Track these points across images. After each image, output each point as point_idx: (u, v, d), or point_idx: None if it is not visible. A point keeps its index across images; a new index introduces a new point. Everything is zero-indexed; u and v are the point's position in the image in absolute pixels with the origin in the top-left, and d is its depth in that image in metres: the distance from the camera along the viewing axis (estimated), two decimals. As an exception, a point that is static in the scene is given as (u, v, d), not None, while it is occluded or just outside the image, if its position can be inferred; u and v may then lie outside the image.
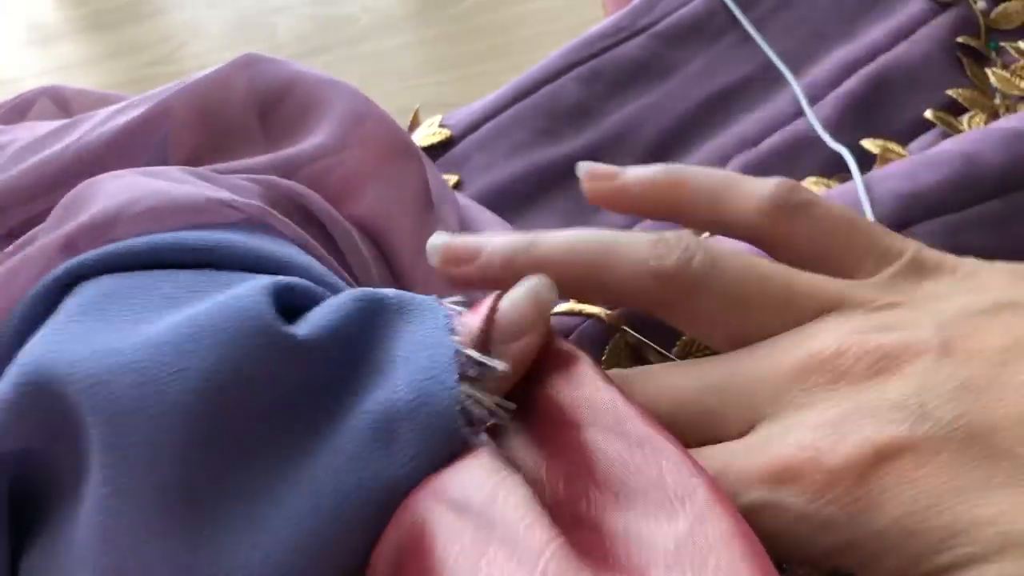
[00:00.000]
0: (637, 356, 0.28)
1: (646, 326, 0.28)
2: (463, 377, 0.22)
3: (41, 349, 0.21)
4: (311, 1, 1.20)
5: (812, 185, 0.40)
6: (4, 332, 0.23)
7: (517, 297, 0.23)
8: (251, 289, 0.22)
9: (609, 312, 0.28)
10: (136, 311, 0.22)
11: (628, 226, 0.44)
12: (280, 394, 0.21)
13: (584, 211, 0.45)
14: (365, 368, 0.22)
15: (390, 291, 0.24)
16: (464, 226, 0.35)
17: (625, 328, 0.27)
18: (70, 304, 0.23)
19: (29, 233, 0.26)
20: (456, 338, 0.22)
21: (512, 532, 0.19)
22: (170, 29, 1.23)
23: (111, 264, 0.24)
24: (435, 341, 0.22)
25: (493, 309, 0.23)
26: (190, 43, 1.21)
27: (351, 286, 0.27)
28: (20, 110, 0.38)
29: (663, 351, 0.27)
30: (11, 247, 0.26)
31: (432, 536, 0.19)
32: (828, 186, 0.40)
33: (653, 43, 0.50)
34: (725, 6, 0.50)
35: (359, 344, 0.23)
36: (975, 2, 0.45)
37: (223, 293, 0.22)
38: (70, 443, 0.21)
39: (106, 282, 0.23)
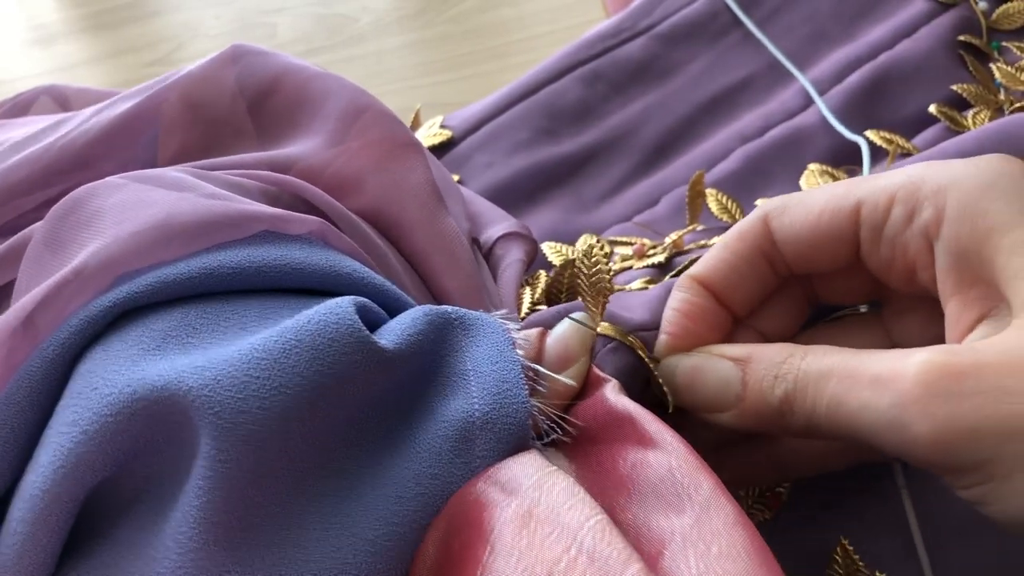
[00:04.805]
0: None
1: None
2: (531, 391, 0.23)
3: (132, 374, 0.21)
4: (311, 1, 1.20)
5: (817, 175, 0.40)
6: (44, 356, 0.22)
7: (563, 332, 0.25)
8: (341, 304, 0.22)
9: (620, 329, 0.28)
10: (217, 337, 0.23)
11: (626, 219, 0.44)
12: (367, 402, 0.22)
13: (584, 209, 0.45)
14: (438, 378, 0.23)
15: (449, 307, 0.25)
16: (470, 218, 0.35)
17: (642, 348, 0.28)
18: (140, 333, 0.22)
19: (21, 233, 0.26)
20: (520, 352, 0.24)
21: (555, 512, 0.20)
22: (170, 29, 1.23)
23: (175, 292, 0.23)
24: (501, 355, 0.23)
25: (544, 332, 0.26)
26: (190, 43, 1.20)
27: (411, 298, 0.28)
28: (20, 108, 0.38)
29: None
30: (3, 246, 0.26)
31: (481, 509, 0.21)
32: (835, 177, 0.40)
33: (654, 44, 0.50)
34: (727, 7, 0.49)
35: (432, 356, 0.24)
36: (976, 2, 0.45)
37: (308, 309, 0.22)
38: (173, 454, 0.21)
39: (177, 313, 0.23)
